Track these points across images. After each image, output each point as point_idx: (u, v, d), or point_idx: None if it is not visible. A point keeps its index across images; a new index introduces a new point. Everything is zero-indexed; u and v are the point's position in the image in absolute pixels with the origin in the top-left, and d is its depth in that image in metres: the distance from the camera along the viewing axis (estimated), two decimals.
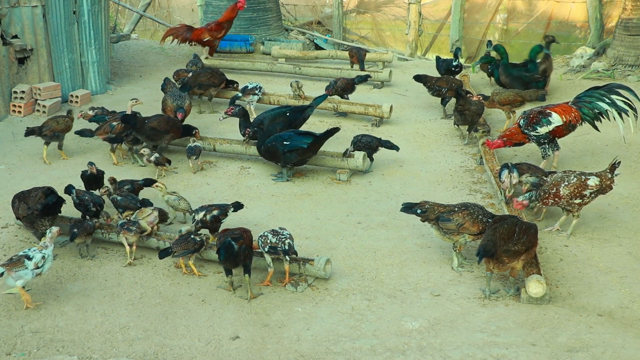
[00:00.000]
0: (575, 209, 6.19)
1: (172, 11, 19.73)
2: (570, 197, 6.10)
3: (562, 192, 6.09)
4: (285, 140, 7.50)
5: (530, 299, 5.23)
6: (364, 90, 11.19)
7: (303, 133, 7.63)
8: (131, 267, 5.87)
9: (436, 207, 5.78)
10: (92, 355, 4.66)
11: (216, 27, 12.39)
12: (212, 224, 6.04)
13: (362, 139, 7.94)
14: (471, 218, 5.62)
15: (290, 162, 7.61)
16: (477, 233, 5.62)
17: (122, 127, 7.96)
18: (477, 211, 5.67)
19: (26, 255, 5.19)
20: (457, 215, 5.66)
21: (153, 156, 7.69)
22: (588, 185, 6.10)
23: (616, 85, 7.65)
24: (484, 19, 16.33)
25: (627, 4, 11.48)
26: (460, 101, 8.75)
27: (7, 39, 9.51)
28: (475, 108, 8.69)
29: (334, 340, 4.83)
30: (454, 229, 5.66)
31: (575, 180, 6.10)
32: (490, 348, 4.67)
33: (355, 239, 6.38)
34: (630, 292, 5.41)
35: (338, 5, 16.43)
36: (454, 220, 5.65)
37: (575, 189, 6.08)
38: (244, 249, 5.26)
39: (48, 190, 6.02)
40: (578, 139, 8.64)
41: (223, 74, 10.29)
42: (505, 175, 6.55)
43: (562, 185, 6.10)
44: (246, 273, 5.33)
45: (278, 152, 7.54)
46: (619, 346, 4.69)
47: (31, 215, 5.87)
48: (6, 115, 9.51)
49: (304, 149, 7.46)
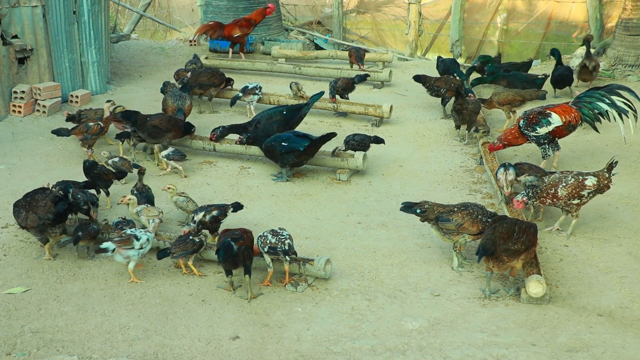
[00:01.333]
0: (574, 209, 6.19)
1: (172, 11, 19.73)
2: (568, 198, 6.10)
3: (560, 193, 6.09)
4: (284, 141, 7.55)
5: (530, 299, 5.23)
6: (364, 90, 11.19)
7: (301, 135, 7.67)
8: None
9: (436, 207, 5.79)
10: (92, 355, 4.66)
11: (246, 23, 12.53)
12: (212, 224, 6.04)
13: (355, 137, 7.96)
14: (470, 218, 5.63)
15: (288, 163, 7.66)
16: (477, 233, 5.62)
17: (98, 128, 8.00)
18: (476, 211, 5.67)
19: (134, 235, 5.48)
20: (456, 216, 5.66)
21: (111, 160, 7.35)
22: (586, 185, 6.09)
23: (617, 86, 7.64)
24: (484, 19, 16.33)
25: (627, 4, 11.49)
26: (459, 100, 8.78)
27: (7, 39, 9.50)
28: (472, 107, 8.76)
29: (334, 340, 4.83)
30: (454, 229, 5.66)
31: (573, 180, 6.10)
32: (490, 348, 4.67)
33: (355, 239, 6.38)
34: (630, 292, 5.41)
35: (338, 5, 16.44)
36: (453, 221, 5.65)
37: (573, 190, 6.08)
38: (243, 250, 5.25)
39: (56, 198, 5.82)
40: (578, 139, 8.65)
41: (223, 74, 10.30)
42: (500, 172, 6.56)
43: (559, 186, 6.09)
44: (246, 274, 5.33)
45: (276, 152, 7.60)
46: (619, 346, 4.69)
47: (42, 225, 5.76)
48: (6, 115, 9.50)
49: (300, 151, 7.49)
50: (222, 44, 13.37)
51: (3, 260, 5.94)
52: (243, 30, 12.48)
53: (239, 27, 12.45)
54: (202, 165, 8.21)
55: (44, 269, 5.82)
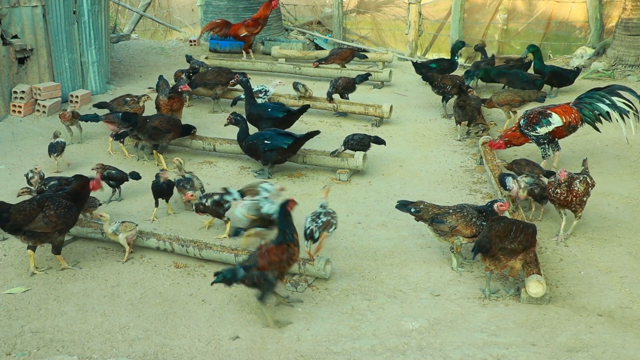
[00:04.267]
0: (580, 209, 6.13)
1: (172, 11, 19.72)
2: (583, 195, 6.04)
3: (578, 188, 6.00)
4: (267, 139, 7.67)
5: (530, 299, 5.23)
6: (364, 90, 11.19)
7: (284, 134, 7.79)
8: (131, 266, 5.87)
9: (431, 208, 5.78)
10: (92, 355, 4.66)
11: (252, 22, 12.62)
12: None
13: (354, 137, 7.96)
14: (464, 221, 5.61)
15: (271, 160, 7.76)
16: (471, 236, 5.61)
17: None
18: (471, 214, 5.64)
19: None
20: (450, 218, 5.65)
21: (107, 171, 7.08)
22: (590, 183, 6.11)
23: (618, 87, 7.64)
24: (484, 19, 16.31)
25: (627, 4, 11.49)
26: (462, 96, 8.85)
27: (7, 39, 9.51)
28: (474, 103, 8.90)
29: (334, 340, 4.83)
30: (447, 231, 5.66)
31: (583, 177, 6.08)
32: (490, 348, 4.67)
33: (355, 239, 6.38)
34: (630, 292, 5.41)
35: (338, 5, 16.43)
36: (447, 222, 5.64)
37: (586, 186, 6.05)
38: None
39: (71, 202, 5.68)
40: (578, 139, 8.65)
41: (230, 72, 10.17)
42: (511, 181, 6.44)
43: (576, 181, 6.01)
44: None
45: (259, 150, 7.70)
46: (619, 346, 4.69)
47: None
48: (6, 115, 9.50)
49: (284, 149, 7.63)
50: (222, 43, 13.37)
51: (3, 260, 5.95)
52: (249, 30, 12.54)
53: (245, 27, 12.52)
54: (202, 165, 8.21)
55: (44, 269, 5.82)
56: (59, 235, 5.59)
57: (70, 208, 5.58)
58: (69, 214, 5.56)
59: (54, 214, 5.45)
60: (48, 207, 5.47)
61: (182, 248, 5.91)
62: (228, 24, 12.67)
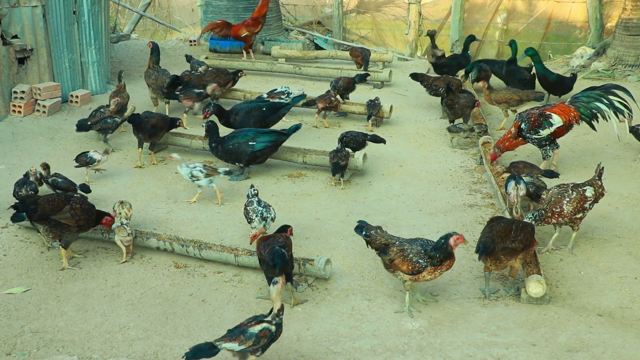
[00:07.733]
0: (577, 224, 5.97)
1: (172, 11, 19.73)
2: (573, 213, 5.83)
3: (565, 209, 5.79)
4: (251, 141, 7.64)
5: (530, 299, 5.23)
6: (364, 90, 11.18)
7: (267, 132, 7.84)
8: (131, 266, 5.87)
9: (380, 237, 5.26)
10: (92, 355, 4.66)
11: (252, 22, 12.66)
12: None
13: (348, 134, 7.94)
14: (402, 255, 5.05)
15: (254, 162, 7.78)
16: (408, 273, 5.06)
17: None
18: (413, 250, 5.05)
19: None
20: (391, 250, 5.13)
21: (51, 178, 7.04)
22: (587, 197, 5.87)
23: (612, 86, 7.70)
24: (484, 19, 16.32)
25: (627, 4, 11.49)
26: (449, 95, 8.91)
27: (7, 39, 9.50)
28: (464, 101, 8.91)
29: (334, 340, 4.83)
30: (387, 263, 5.18)
31: (575, 194, 5.84)
32: (490, 348, 4.67)
33: (355, 239, 6.36)
34: (630, 292, 5.41)
35: (338, 5, 16.43)
36: (388, 254, 5.13)
37: (577, 204, 5.82)
38: (290, 256, 5.16)
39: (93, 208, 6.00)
40: (578, 139, 8.65)
41: (229, 72, 10.16)
42: (512, 187, 6.12)
43: (564, 202, 5.80)
44: (289, 281, 5.16)
45: (243, 153, 7.65)
46: (619, 346, 4.69)
47: None
48: (6, 115, 9.50)
49: (271, 147, 7.70)
50: (222, 43, 13.36)
51: (3, 260, 5.95)
52: (250, 30, 12.56)
53: (245, 27, 12.54)
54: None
55: (43, 268, 5.83)
56: (77, 231, 5.84)
57: (92, 210, 5.95)
58: (91, 211, 5.91)
59: (79, 207, 5.79)
60: (75, 201, 5.83)
61: (182, 248, 5.91)
62: (228, 25, 12.66)
